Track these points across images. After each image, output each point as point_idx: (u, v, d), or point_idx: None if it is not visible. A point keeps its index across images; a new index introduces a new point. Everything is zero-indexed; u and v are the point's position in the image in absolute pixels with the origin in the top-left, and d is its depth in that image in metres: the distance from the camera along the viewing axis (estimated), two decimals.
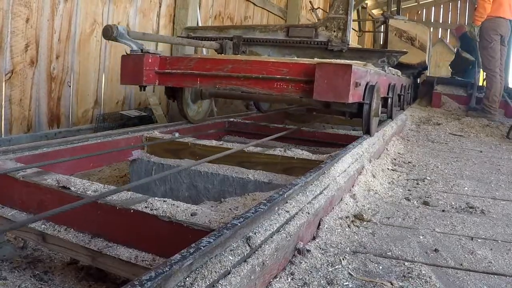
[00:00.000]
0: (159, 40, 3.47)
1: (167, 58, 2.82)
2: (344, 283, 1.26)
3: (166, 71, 2.79)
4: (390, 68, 4.01)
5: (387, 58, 3.82)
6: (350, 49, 3.78)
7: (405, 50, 4.08)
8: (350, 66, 2.29)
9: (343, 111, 2.94)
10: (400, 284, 1.29)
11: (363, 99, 2.71)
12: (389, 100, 4.05)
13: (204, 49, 4.97)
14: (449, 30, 14.33)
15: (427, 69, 8.44)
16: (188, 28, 4.29)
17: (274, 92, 2.54)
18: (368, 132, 2.95)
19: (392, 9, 8.36)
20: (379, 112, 3.10)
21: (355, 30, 9.56)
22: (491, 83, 6.21)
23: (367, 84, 2.73)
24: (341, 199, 1.93)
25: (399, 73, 4.85)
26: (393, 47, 6.42)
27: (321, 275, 1.28)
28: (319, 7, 8.24)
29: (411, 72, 7.08)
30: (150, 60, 2.74)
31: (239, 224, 1.16)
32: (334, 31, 3.72)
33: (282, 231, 1.29)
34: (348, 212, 1.84)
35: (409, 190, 2.41)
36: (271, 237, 1.23)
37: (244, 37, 3.95)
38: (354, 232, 1.68)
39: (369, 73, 2.80)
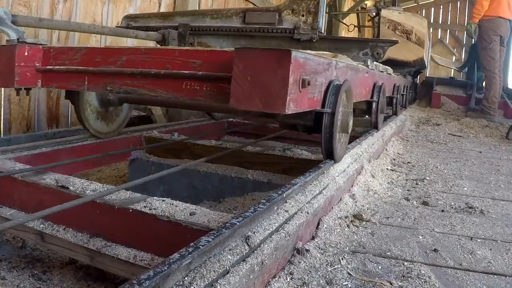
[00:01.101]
0: (64, 28, 2.58)
1: (51, 50, 2.04)
2: (343, 283, 1.26)
3: (49, 67, 2.02)
4: (376, 63, 3.26)
5: (371, 49, 3.04)
6: (323, 39, 3.09)
7: (395, 39, 3.42)
8: (288, 53, 1.42)
9: (292, 124, 2.08)
10: (400, 284, 1.28)
11: (323, 106, 1.84)
12: (374, 104, 3.12)
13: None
14: (448, 30, 14.34)
15: (425, 68, 7.54)
16: (128, 16, 3.63)
17: (183, 96, 1.71)
18: (330, 155, 2.00)
19: (386, 0, 7.73)
20: (350, 125, 2.07)
21: (346, 25, 9.30)
22: (491, 84, 6.21)
23: (330, 84, 1.89)
24: (340, 199, 1.93)
25: (390, 70, 4.17)
26: None
27: (320, 275, 1.28)
28: None
29: (407, 71, 6.37)
30: (26, 53, 1.99)
31: (238, 223, 1.16)
32: (303, 15, 2.98)
33: (281, 230, 1.29)
34: (348, 212, 1.84)
35: (408, 190, 2.40)
36: (270, 237, 1.23)
37: (192, 26, 3.28)
38: (353, 232, 1.68)
39: (333, 67, 1.94)
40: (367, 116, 3.35)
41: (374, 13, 6.57)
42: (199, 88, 1.65)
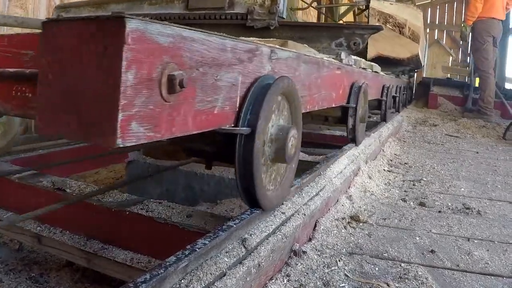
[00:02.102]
0: None
1: None
2: (340, 285, 1.26)
3: None
4: (356, 58, 2.66)
5: (347, 38, 2.43)
6: (284, 25, 2.48)
7: (378, 25, 2.84)
8: (118, 23, 0.74)
9: (197, 150, 1.36)
10: (397, 285, 1.29)
11: (236, 123, 1.15)
12: (351, 111, 2.47)
13: None
14: (445, 31, 14.38)
15: (421, 66, 6.83)
16: (60, 6, 3.24)
17: (13, 110, 1.09)
18: (253, 201, 1.25)
19: None
20: (292, 151, 1.34)
21: (333, 20, 8.92)
22: (486, 84, 6.25)
23: (253, 84, 1.19)
24: (337, 201, 1.93)
25: (377, 68, 3.58)
26: (375, 38, 4.43)
27: (317, 276, 1.28)
28: None
29: (401, 70, 5.77)
30: None
31: (234, 226, 1.16)
32: None
33: (278, 232, 1.29)
34: (344, 213, 1.84)
35: (405, 191, 2.41)
36: (267, 239, 1.23)
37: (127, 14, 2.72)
38: (350, 233, 1.68)
39: (264, 57, 1.26)
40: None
41: (364, 6, 5.90)
42: (32, 96, 1.03)
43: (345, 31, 2.46)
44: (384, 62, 4.59)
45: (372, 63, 3.38)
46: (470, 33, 6.28)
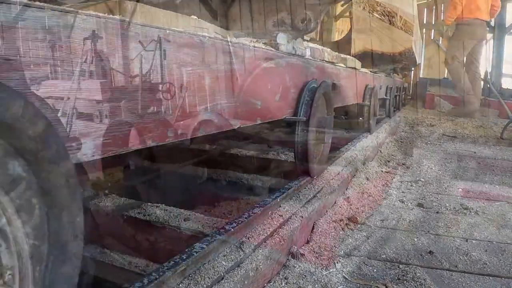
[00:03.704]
0: None
1: None
2: (339, 287, 1.26)
3: None
4: (314, 45, 1.95)
5: (291, 14, 1.73)
6: None
7: None
8: None
9: None
10: (395, 287, 1.28)
11: None
12: (299, 128, 1.70)
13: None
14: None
15: (416, 63, 5.91)
16: None
17: None
18: None
19: None
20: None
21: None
22: (475, 81, 6.55)
23: None
24: (335, 202, 1.93)
25: (354, 62, 2.89)
26: (360, 30, 4.04)
27: (315, 278, 1.28)
28: None
29: (392, 68, 5.04)
30: None
31: (232, 229, 1.16)
32: None
33: (276, 235, 1.29)
34: (342, 215, 1.84)
35: (403, 192, 2.41)
36: (265, 242, 1.23)
37: None
38: (348, 235, 1.68)
39: None
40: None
41: None
42: None
43: (287, 2, 1.65)
44: (373, 58, 4.13)
45: (347, 56, 2.74)
46: (448, 32, 6.48)
